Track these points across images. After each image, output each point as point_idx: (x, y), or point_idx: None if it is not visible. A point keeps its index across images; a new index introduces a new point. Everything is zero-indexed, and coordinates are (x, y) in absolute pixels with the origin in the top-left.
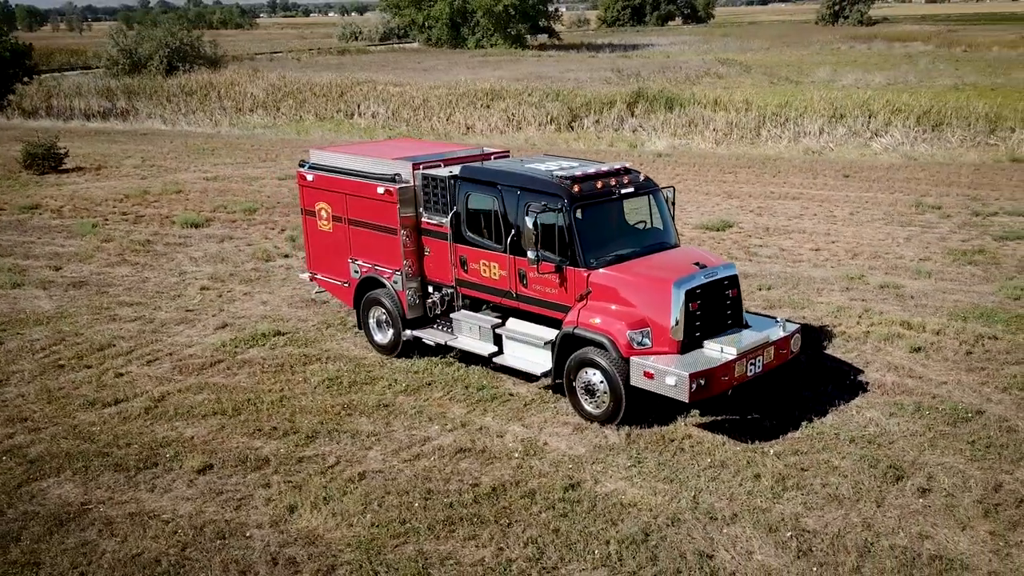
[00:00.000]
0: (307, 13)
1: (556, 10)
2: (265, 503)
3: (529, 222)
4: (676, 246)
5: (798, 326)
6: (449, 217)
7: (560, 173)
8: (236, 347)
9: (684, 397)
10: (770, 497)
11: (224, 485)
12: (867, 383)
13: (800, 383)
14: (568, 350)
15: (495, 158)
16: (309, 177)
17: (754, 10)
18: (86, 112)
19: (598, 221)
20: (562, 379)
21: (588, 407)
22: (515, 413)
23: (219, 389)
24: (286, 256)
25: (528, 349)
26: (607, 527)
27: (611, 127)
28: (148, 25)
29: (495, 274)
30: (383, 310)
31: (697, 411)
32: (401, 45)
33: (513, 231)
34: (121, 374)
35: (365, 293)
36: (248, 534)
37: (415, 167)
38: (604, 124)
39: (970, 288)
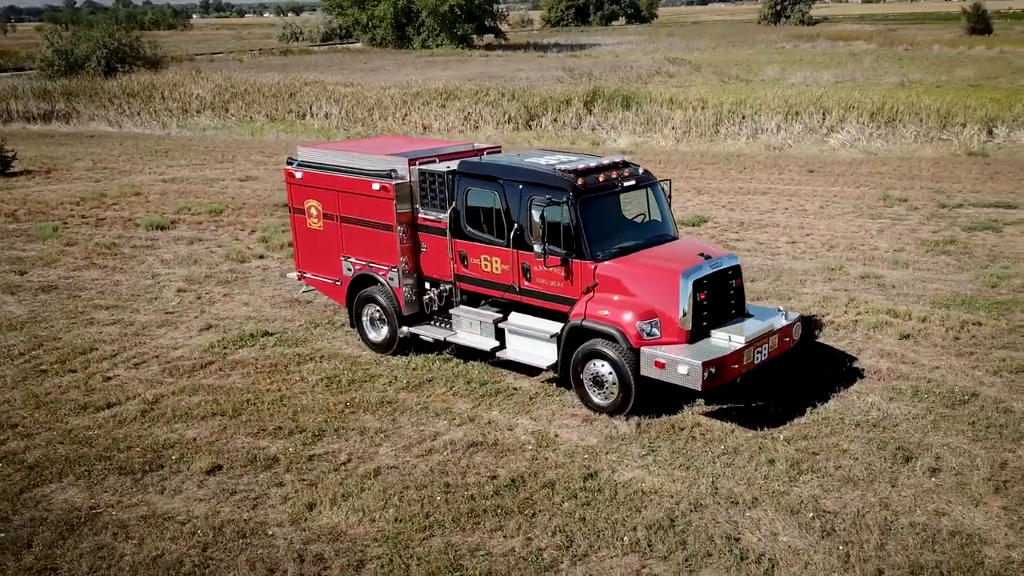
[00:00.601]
0: (242, 14)
1: (502, 10)
2: (282, 501)
3: (536, 216)
4: (676, 238)
5: (799, 315)
6: (448, 213)
7: (563, 167)
8: (225, 348)
9: (697, 385)
10: (786, 481)
11: (236, 485)
12: (863, 369)
13: (799, 371)
14: (575, 342)
15: (487, 153)
16: (298, 175)
17: (695, 10)
18: (26, 114)
19: (602, 214)
20: (568, 372)
21: (596, 399)
22: (522, 407)
23: (214, 390)
24: (261, 257)
25: (532, 343)
26: (631, 514)
27: (570, 125)
28: (84, 26)
29: (497, 269)
30: (377, 308)
31: (703, 400)
32: (345, 46)
33: (516, 225)
34: (109, 378)
35: (358, 291)
36: (269, 532)
37: (411, 163)
38: (562, 123)
39: (947, 277)
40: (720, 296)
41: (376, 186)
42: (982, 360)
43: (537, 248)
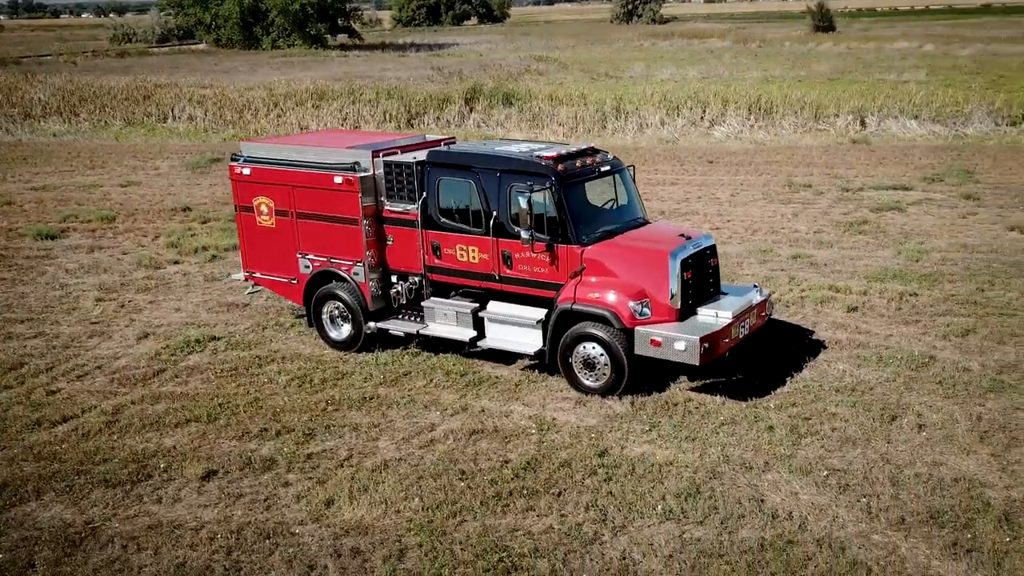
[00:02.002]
0: (56, 14)
1: (356, 9)
2: (296, 500)
3: (523, 202)
4: (648, 221)
5: (768, 292)
6: (418, 204)
7: (540, 153)
8: (172, 355)
9: (695, 361)
10: (790, 445)
11: (239, 488)
12: (823, 340)
13: (766, 345)
14: (563, 327)
15: (444, 144)
16: (245, 171)
17: (544, 9)
18: None
19: (583, 199)
20: (555, 356)
21: (587, 381)
22: (510, 394)
23: (178, 398)
24: (176, 263)
25: (516, 330)
26: (655, 485)
27: (453, 123)
28: None
29: (474, 258)
30: (339, 305)
31: (686, 377)
32: (187, 47)
33: (495, 214)
34: (53, 391)
35: (317, 289)
36: (294, 531)
37: (375, 155)
38: (445, 120)
39: (871, 254)
40: (701, 275)
41: (338, 179)
42: (928, 327)
43: (524, 235)
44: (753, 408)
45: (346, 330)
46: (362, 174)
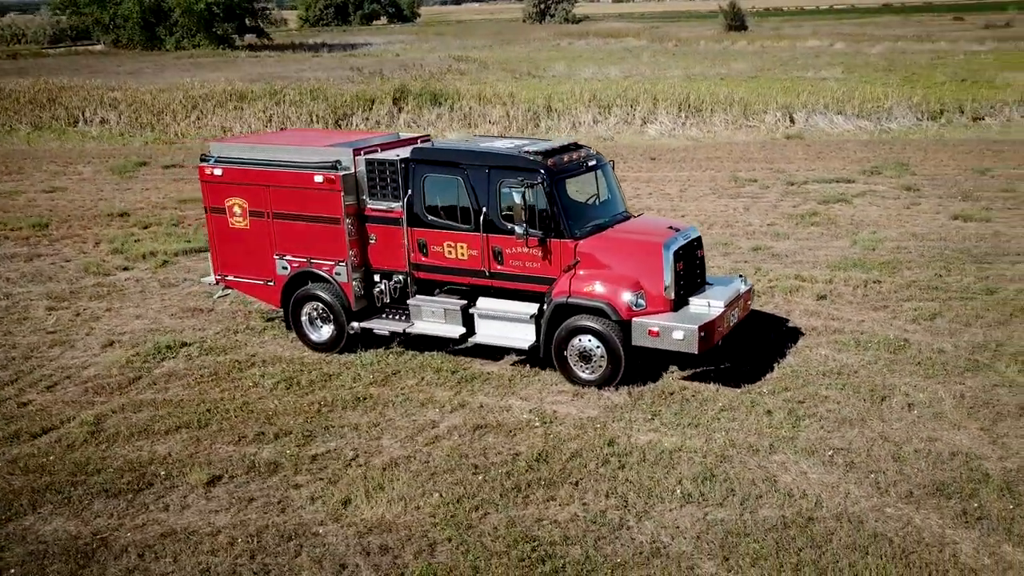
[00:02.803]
0: None
1: (265, 9)
2: (311, 501)
3: (517, 198)
4: (631, 215)
5: (751, 282)
6: (403, 201)
7: (529, 149)
8: (144, 362)
9: (694, 349)
10: (790, 427)
11: (248, 492)
12: (800, 328)
13: (747, 333)
14: (558, 321)
15: (421, 142)
16: (216, 171)
17: (455, 9)
18: None
19: (572, 194)
20: (550, 350)
21: (583, 373)
22: (505, 389)
23: (161, 405)
24: (126, 269)
25: (508, 325)
26: (669, 471)
27: (383, 124)
28: None
29: (463, 255)
30: (319, 306)
31: (676, 367)
32: (87, 47)
33: (485, 210)
34: (24, 403)
35: (295, 290)
36: (315, 532)
37: (356, 153)
38: (374, 121)
39: (828, 244)
40: (691, 266)
41: (319, 178)
42: (897, 312)
43: (519, 230)
44: (747, 394)
45: (327, 331)
46: (344, 172)
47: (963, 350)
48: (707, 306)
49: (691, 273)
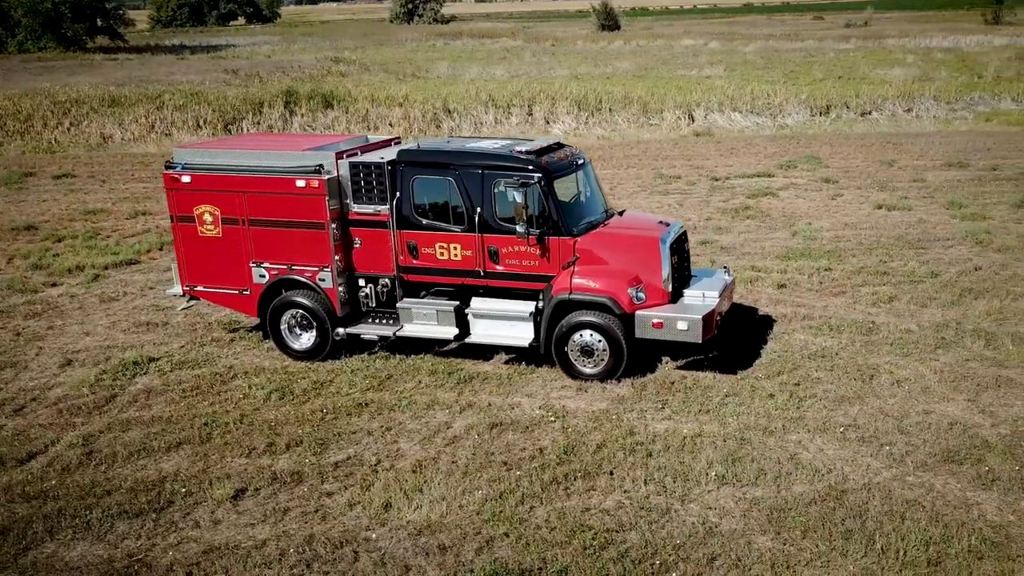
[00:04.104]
0: None
1: (119, 8)
2: (349, 508)
3: (518, 197)
4: (614, 212)
5: (733, 274)
6: (392, 204)
7: (521, 148)
8: (115, 380)
9: (698, 338)
10: (795, 409)
11: (280, 503)
12: (771, 315)
13: (725, 322)
14: (558, 317)
15: (395, 144)
16: (185, 179)
17: (315, 8)
18: None
19: (566, 192)
20: (550, 347)
21: (585, 368)
22: (507, 388)
23: (150, 422)
24: (54, 285)
25: (506, 324)
26: (695, 456)
27: (276, 127)
28: None
29: (456, 255)
30: (300, 313)
31: (667, 358)
32: None
33: (480, 210)
34: None
35: (273, 299)
36: (366, 537)
37: (339, 156)
38: (266, 125)
39: (769, 236)
40: (680, 259)
41: (301, 183)
42: (856, 297)
43: (520, 229)
44: (745, 380)
45: (308, 339)
46: (327, 176)
47: (928, 329)
48: (702, 297)
49: (681, 266)
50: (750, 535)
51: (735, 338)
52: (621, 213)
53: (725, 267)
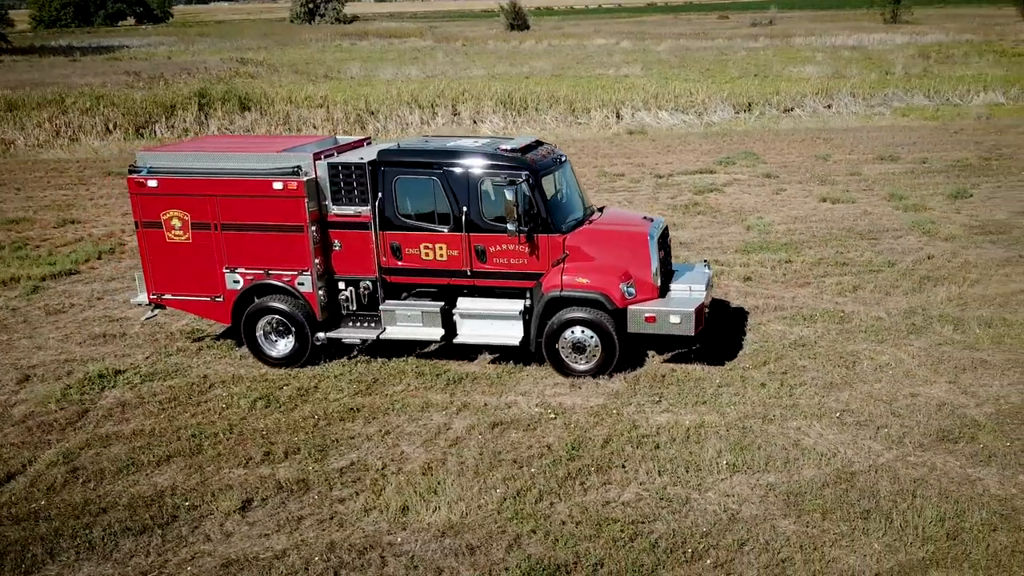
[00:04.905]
0: None
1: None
2: (365, 513)
3: (509, 195)
4: (595, 209)
5: (712, 268)
6: (373, 205)
7: (506, 147)
8: (83, 394)
9: (691, 331)
10: (788, 397)
11: (291, 512)
12: (743, 307)
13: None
14: (549, 315)
15: (367, 144)
16: (151, 183)
17: (205, 8)
18: None
19: (552, 190)
20: (540, 344)
21: (577, 365)
22: (498, 387)
23: (133, 436)
24: None
25: (495, 323)
26: (702, 447)
27: (191, 130)
28: None
29: (441, 255)
30: (277, 319)
31: (653, 352)
32: None
33: (466, 209)
34: None
35: (248, 305)
36: (389, 541)
37: (316, 157)
38: (180, 128)
39: (723, 231)
40: (665, 255)
41: (278, 185)
42: (821, 288)
43: (511, 227)
44: (734, 371)
45: (285, 345)
46: (306, 178)
47: (897, 316)
48: (688, 291)
49: (666, 261)
50: (772, 520)
51: (714, 330)
52: (601, 209)
53: (705, 261)
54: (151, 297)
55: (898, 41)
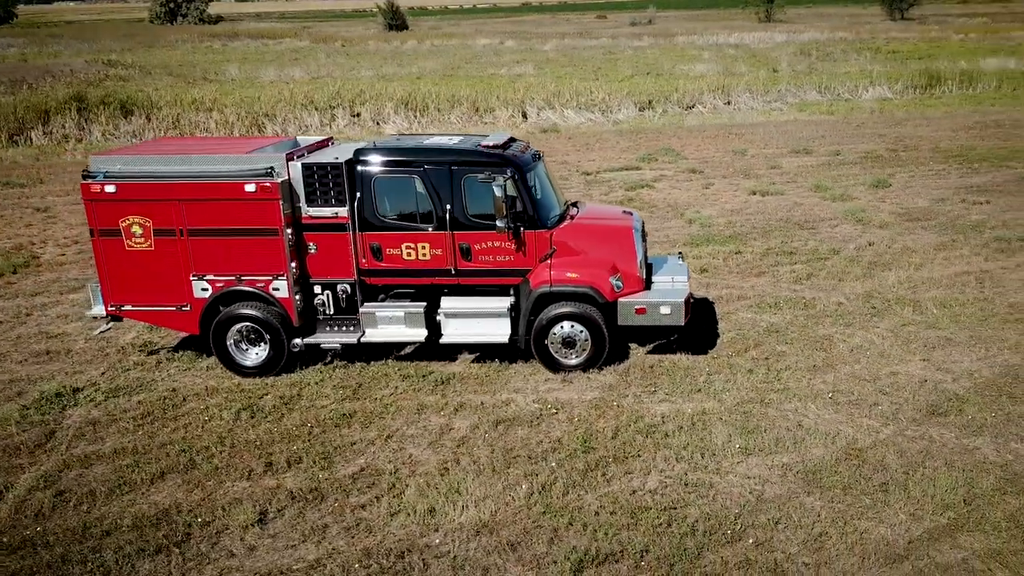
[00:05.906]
0: None
1: None
2: (391, 517)
3: (498, 192)
4: (573, 204)
5: (686, 260)
6: (352, 206)
7: (488, 143)
8: (43, 415)
9: (681, 321)
10: (779, 381)
11: (313, 521)
12: (708, 297)
13: None
14: (537, 310)
15: (332, 144)
16: (108, 188)
17: (51, 8)
18: None
19: (534, 186)
20: (529, 341)
21: (568, 359)
22: (491, 385)
23: (116, 455)
24: None
25: (482, 322)
26: (709, 433)
27: (73, 136)
28: None
29: (424, 255)
30: (251, 326)
31: (635, 344)
32: None
33: (450, 207)
34: None
35: (218, 313)
36: (426, 543)
37: (289, 157)
38: (59, 135)
39: (665, 225)
40: (645, 248)
41: (251, 187)
42: (778, 278)
43: (500, 223)
44: (718, 359)
45: (258, 353)
46: (280, 179)
47: (856, 301)
48: (671, 282)
49: (645, 254)
50: (797, 497)
51: (688, 321)
52: (576, 204)
53: (680, 253)
54: (109, 309)
55: (778, 40)
